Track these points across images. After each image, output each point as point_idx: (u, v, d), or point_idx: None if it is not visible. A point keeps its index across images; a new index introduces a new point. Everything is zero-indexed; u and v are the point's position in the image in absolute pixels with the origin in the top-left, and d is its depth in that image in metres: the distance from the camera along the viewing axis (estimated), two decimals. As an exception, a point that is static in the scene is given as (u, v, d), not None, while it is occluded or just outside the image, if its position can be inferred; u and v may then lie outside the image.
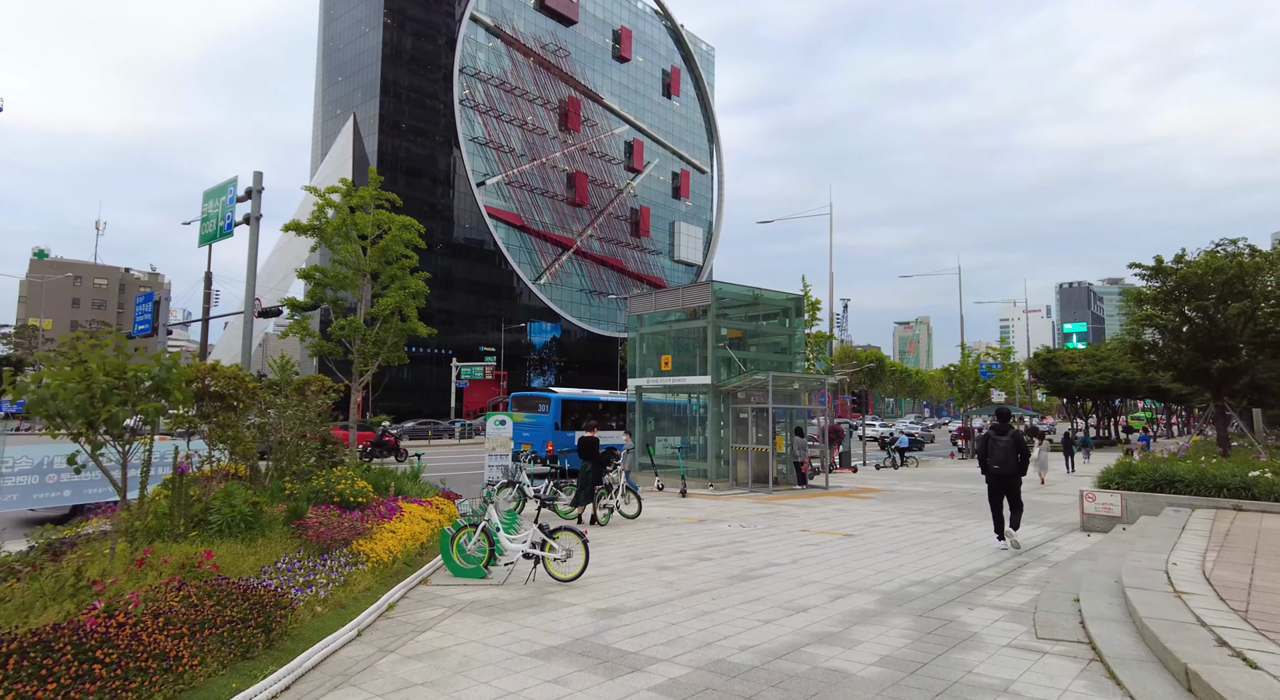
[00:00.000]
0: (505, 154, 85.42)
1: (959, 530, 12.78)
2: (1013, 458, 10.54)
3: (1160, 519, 10.84)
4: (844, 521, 13.81)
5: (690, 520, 13.71)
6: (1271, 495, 11.73)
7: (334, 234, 14.61)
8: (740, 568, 8.90)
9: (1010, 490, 10.72)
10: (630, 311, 23.35)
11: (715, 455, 20.67)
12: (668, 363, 21.92)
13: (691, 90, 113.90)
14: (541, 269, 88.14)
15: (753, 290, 21.90)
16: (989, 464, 10.71)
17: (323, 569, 6.55)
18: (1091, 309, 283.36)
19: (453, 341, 77.30)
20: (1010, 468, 10.53)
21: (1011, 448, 10.58)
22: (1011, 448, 10.58)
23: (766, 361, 22.51)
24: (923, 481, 24.63)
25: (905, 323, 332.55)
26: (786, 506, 16.36)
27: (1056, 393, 66.99)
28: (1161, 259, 20.72)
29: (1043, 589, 7.65)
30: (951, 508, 16.75)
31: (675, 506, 16.11)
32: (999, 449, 10.61)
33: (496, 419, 15.11)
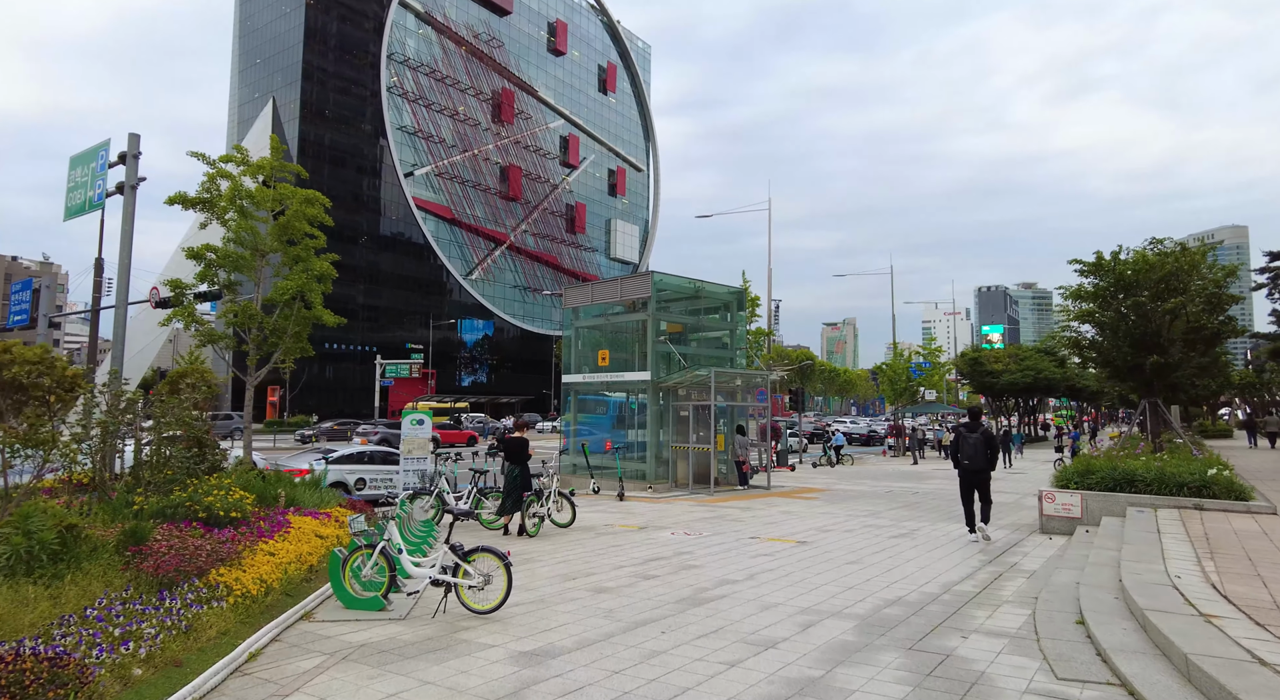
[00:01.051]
0: (435, 145, 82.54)
1: (915, 535, 11.95)
2: (982, 454, 10.92)
3: (1129, 521, 10.20)
4: (794, 526, 12.83)
5: (630, 528, 12.49)
6: (1230, 494, 11.30)
7: (227, 208, 12.83)
8: (691, 587, 7.72)
9: (981, 485, 11.12)
10: (565, 304, 22.00)
11: (655, 455, 19.53)
12: (605, 358, 20.66)
13: (628, 87, 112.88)
14: (473, 264, 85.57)
15: (694, 282, 20.86)
16: (960, 460, 11.08)
17: (156, 613, 5.01)
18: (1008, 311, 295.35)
19: (378, 338, 74.11)
20: (980, 463, 10.91)
21: (981, 444, 10.97)
22: (981, 444, 10.97)
23: (707, 357, 21.51)
24: (862, 480, 24.10)
25: (833, 324, 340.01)
26: (731, 509, 15.33)
27: (982, 391, 68.56)
28: (1101, 255, 20.61)
29: (1035, 608, 6.72)
30: (900, 509, 16.04)
31: (613, 512, 14.87)
32: (969, 445, 10.99)
33: (414, 418, 13.57)
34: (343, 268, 64.71)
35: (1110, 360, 20.65)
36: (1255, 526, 9.68)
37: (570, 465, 21.08)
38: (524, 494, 11.30)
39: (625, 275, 22.22)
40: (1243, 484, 11.41)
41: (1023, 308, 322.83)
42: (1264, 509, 10.91)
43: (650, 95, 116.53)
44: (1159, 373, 20.55)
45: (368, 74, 76.56)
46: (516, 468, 11.34)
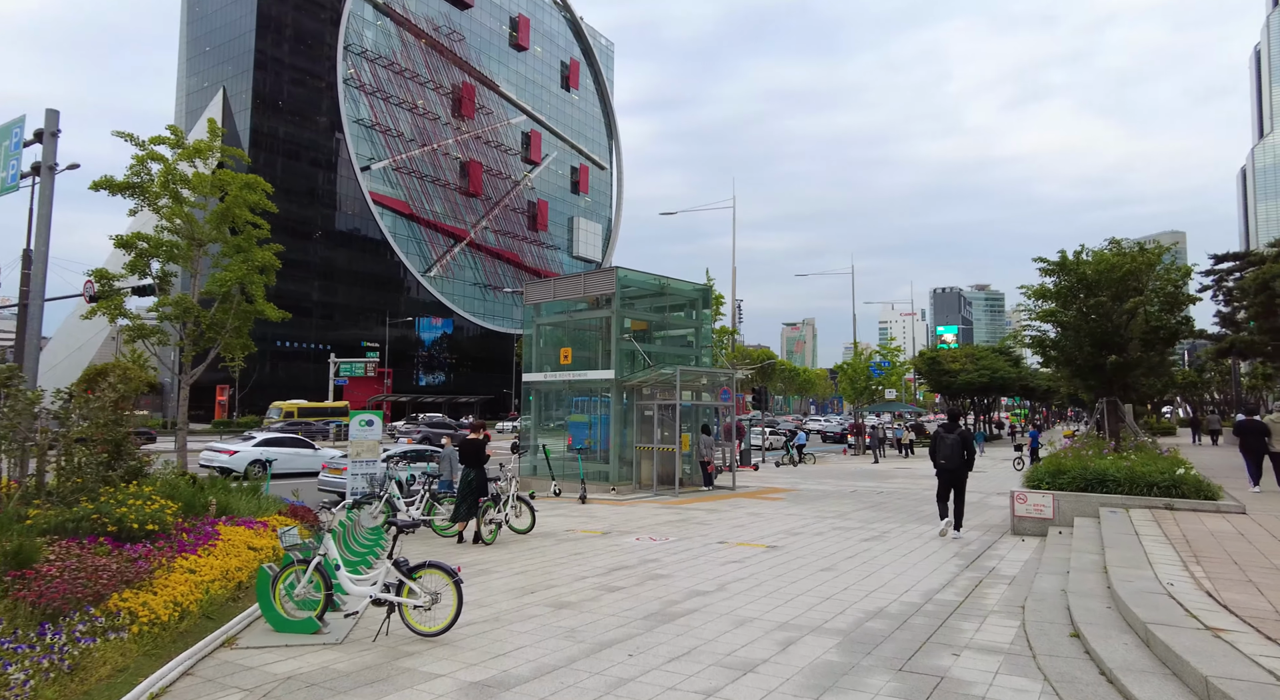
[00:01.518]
0: (393, 138, 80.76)
1: (887, 538, 11.61)
2: (958, 454, 11.38)
3: (1104, 523, 9.96)
4: (762, 529, 12.40)
5: (593, 533, 11.92)
6: (1200, 493, 11.17)
7: (160, 193, 11.90)
8: (659, 600, 7.19)
9: (957, 483, 11.62)
10: (526, 301, 21.32)
11: (618, 456, 18.98)
12: (567, 356, 20.04)
13: (591, 84, 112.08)
14: (432, 261, 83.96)
15: (659, 279, 20.36)
16: (938, 460, 11.52)
17: (32, 652, 4.27)
18: (962, 312, 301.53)
19: (334, 336, 72.22)
20: (956, 463, 11.36)
21: (958, 445, 11.46)
22: (958, 445, 11.46)
23: (672, 356, 21.03)
24: (825, 479, 23.88)
25: (793, 324, 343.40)
26: (696, 512, 14.86)
27: (939, 390, 69.53)
28: (1065, 254, 20.67)
29: (1024, 619, 6.34)
30: (867, 509, 15.75)
31: (575, 515, 14.28)
32: (947, 446, 11.47)
33: (362, 419, 12.80)
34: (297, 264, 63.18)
35: (1072, 359, 20.73)
36: (1229, 527, 9.51)
37: (530, 467, 20.44)
38: (480, 499, 10.66)
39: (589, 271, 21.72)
40: (1211, 483, 11.31)
41: (976, 309, 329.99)
42: (1233, 508, 10.79)
43: (613, 93, 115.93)
44: (1119, 371, 20.70)
45: (323, 65, 74.55)
46: (472, 471, 10.69)
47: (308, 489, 16.46)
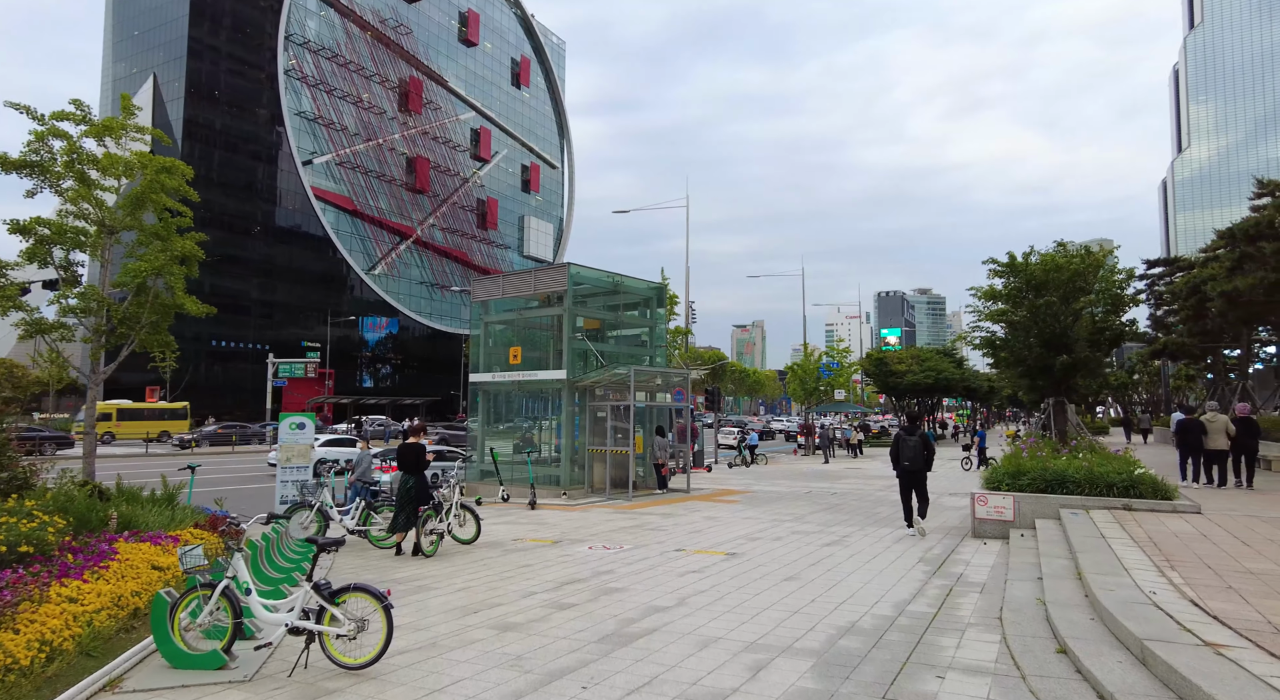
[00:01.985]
0: (337, 132, 78.34)
1: (848, 542, 11.24)
2: (920, 455, 11.60)
3: (1068, 525, 9.75)
4: (719, 535, 11.92)
5: (543, 542, 11.26)
6: (1157, 493, 11.10)
7: (63, 173, 10.82)
8: (615, 618, 6.60)
9: (918, 484, 11.81)
10: (474, 298, 20.49)
11: (569, 459, 18.32)
12: (517, 356, 19.30)
13: (542, 82, 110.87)
14: (376, 258, 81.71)
15: (613, 276, 19.77)
16: (900, 461, 11.67)
17: None
18: (905, 315, 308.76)
19: (273, 336, 69.63)
20: (918, 464, 11.59)
21: (919, 446, 11.69)
22: (919, 446, 11.69)
23: (626, 355, 20.48)
24: (779, 480, 23.64)
25: (743, 326, 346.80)
26: (651, 517, 14.32)
27: (886, 391, 70.58)
28: (1014, 256, 20.81)
29: (1004, 632, 5.95)
30: (823, 511, 15.44)
31: (524, 523, 13.59)
32: (909, 448, 11.64)
33: (293, 421, 11.89)
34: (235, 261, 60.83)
35: (1022, 359, 20.89)
36: (1189, 528, 9.39)
37: (478, 471, 19.63)
38: (419, 508, 9.90)
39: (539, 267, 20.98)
40: (1167, 484, 11.25)
41: (919, 312, 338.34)
42: (1189, 508, 10.74)
43: (565, 92, 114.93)
44: (1067, 372, 20.94)
45: (264, 56, 71.82)
46: (411, 478, 9.94)
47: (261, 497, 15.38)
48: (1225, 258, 23.68)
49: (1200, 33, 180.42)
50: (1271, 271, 20.05)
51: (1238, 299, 21.54)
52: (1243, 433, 14.52)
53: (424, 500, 9.98)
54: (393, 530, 10.11)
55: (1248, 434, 14.66)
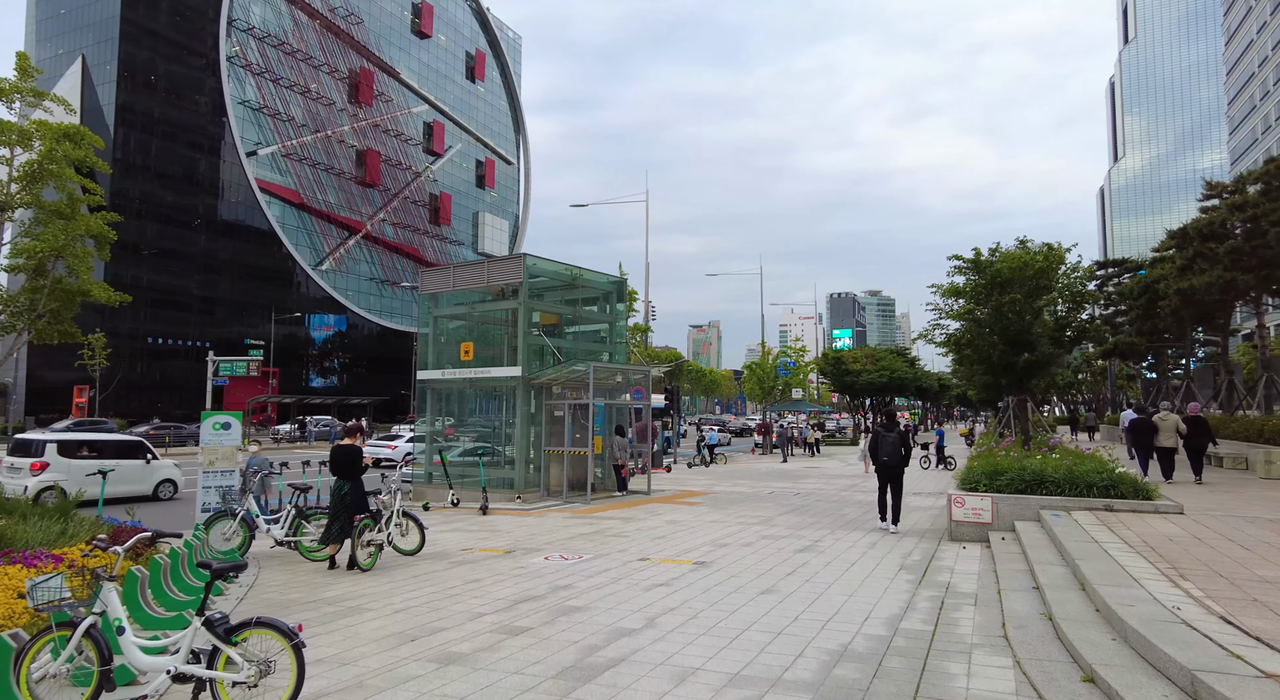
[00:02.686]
0: (283, 123, 75.53)
1: (821, 547, 10.59)
2: (898, 451, 11.86)
3: (1054, 527, 9.23)
4: (686, 541, 11.16)
5: (495, 552, 10.33)
6: (1138, 493, 10.70)
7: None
8: (576, 646, 5.76)
9: (895, 479, 12.06)
10: (422, 290, 19.38)
11: (524, 460, 17.38)
12: (469, 352, 18.26)
13: (497, 77, 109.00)
14: (324, 254, 79.09)
15: (571, 269, 18.88)
16: (879, 456, 11.98)
17: None
18: (856, 317, 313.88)
19: (215, 334, 66.75)
20: (896, 460, 11.86)
21: (897, 443, 11.94)
22: (897, 443, 11.94)
23: (584, 352, 19.60)
24: (740, 480, 23.07)
25: (699, 326, 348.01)
26: (611, 521, 13.49)
27: (842, 390, 71.11)
28: (979, 252, 20.56)
29: (1017, 656, 5.29)
30: (789, 513, 14.83)
31: (474, 530, 12.63)
32: (888, 444, 11.94)
33: (216, 421, 10.75)
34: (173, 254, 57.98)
35: (986, 357, 20.67)
36: (1179, 530, 8.95)
37: (426, 474, 18.56)
38: (355, 517, 8.91)
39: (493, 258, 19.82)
40: (1147, 483, 10.87)
41: (869, 313, 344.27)
42: (1171, 509, 10.35)
43: (521, 88, 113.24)
44: (1030, 370, 20.80)
45: (205, 41, 68.79)
46: (346, 484, 8.94)
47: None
48: (1177, 257, 23.90)
49: (1134, 47, 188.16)
50: (1225, 270, 20.18)
51: (1192, 297, 21.67)
52: (1194, 431, 14.89)
53: (360, 508, 8.98)
54: (325, 541, 9.09)
55: (1199, 433, 15.02)
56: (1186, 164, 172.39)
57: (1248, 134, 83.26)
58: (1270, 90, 76.74)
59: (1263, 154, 77.06)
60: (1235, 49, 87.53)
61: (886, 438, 11.96)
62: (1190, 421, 15.25)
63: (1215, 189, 25.87)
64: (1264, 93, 78.51)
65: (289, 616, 6.76)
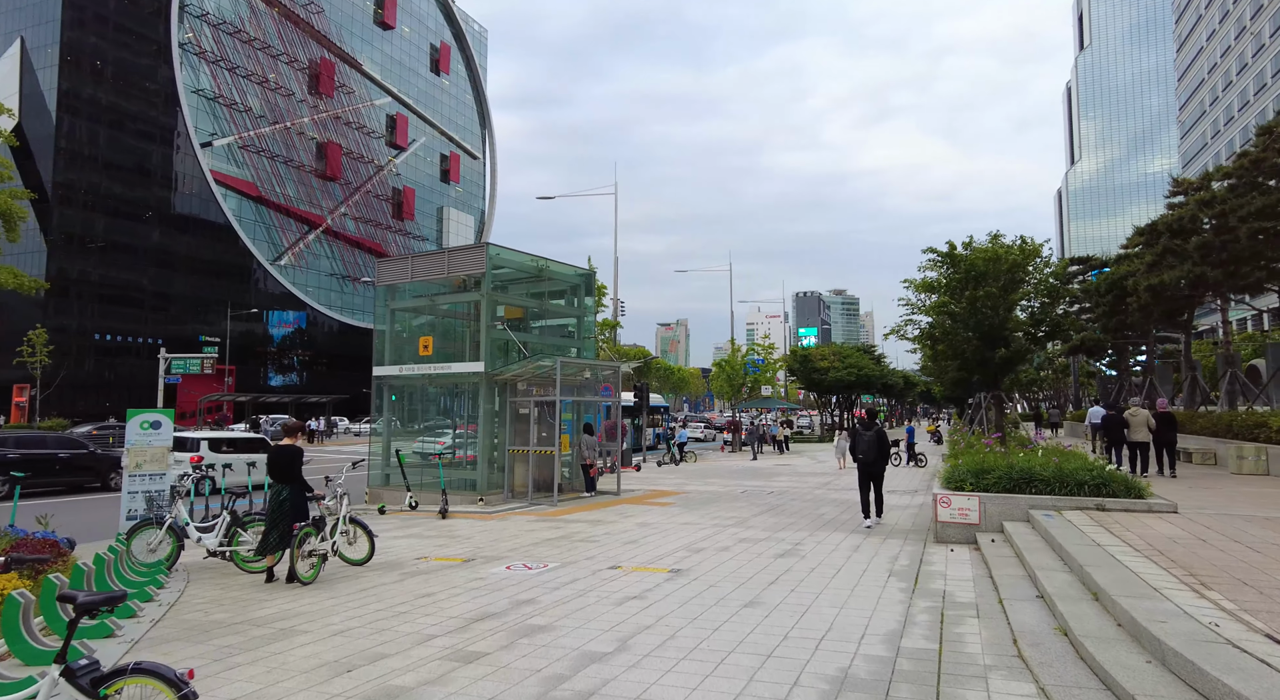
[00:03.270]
0: (240, 113, 73.17)
1: (802, 551, 9.97)
2: (876, 450, 12.03)
3: (1051, 529, 8.72)
4: (659, 546, 10.46)
5: (451, 561, 9.53)
6: (1130, 492, 10.26)
7: None
8: (538, 676, 5.01)
9: (875, 477, 12.19)
10: (380, 281, 18.41)
11: (487, 460, 16.53)
12: (428, 346, 17.35)
13: (463, 70, 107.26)
14: (283, 248, 76.88)
15: (537, 260, 18.06)
16: (858, 455, 12.18)
17: None
18: (821, 315, 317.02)
19: (170, 331, 64.39)
20: (874, 456, 12.05)
21: (875, 441, 12.05)
22: (875, 441, 12.05)
23: (551, 347, 18.81)
24: (711, 479, 22.48)
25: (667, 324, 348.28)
26: (579, 524, 12.75)
27: (810, 388, 71.20)
28: (953, 245, 20.20)
29: (1039, 681, 4.68)
30: (765, 514, 14.24)
31: (431, 536, 11.79)
32: (866, 443, 12.10)
33: (145, 420, 9.76)
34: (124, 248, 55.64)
35: (961, 352, 20.32)
36: (1179, 531, 8.50)
37: (383, 475, 17.62)
38: (295, 524, 8.04)
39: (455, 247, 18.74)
40: (1139, 481, 10.45)
41: (834, 312, 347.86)
42: (1165, 507, 9.93)
43: (487, 82, 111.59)
44: (1005, 365, 20.52)
45: (156, 27, 66.24)
46: (285, 488, 8.06)
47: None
48: (1147, 254, 23.86)
49: (1089, 53, 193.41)
50: (1195, 265, 20.10)
51: (1163, 292, 21.60)
52: (1163, 426, 15.51)
53: (300, 515, 8.11)
54: (262, 552, 8.20)
55: (1168, 427, 15.71)
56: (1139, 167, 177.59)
57: (1198, 138, 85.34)
58: (1219, 96, 78.73)
59: (1212, 158, 79.18)
60: (1186, 55, 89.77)
61: (864, 436, 12.23)
62: (1159, 417, 15.70)
63: (1182, 185, 25.92)
64: (1213, 98, 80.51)
65: (211, 641, 5.91)
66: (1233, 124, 74.84)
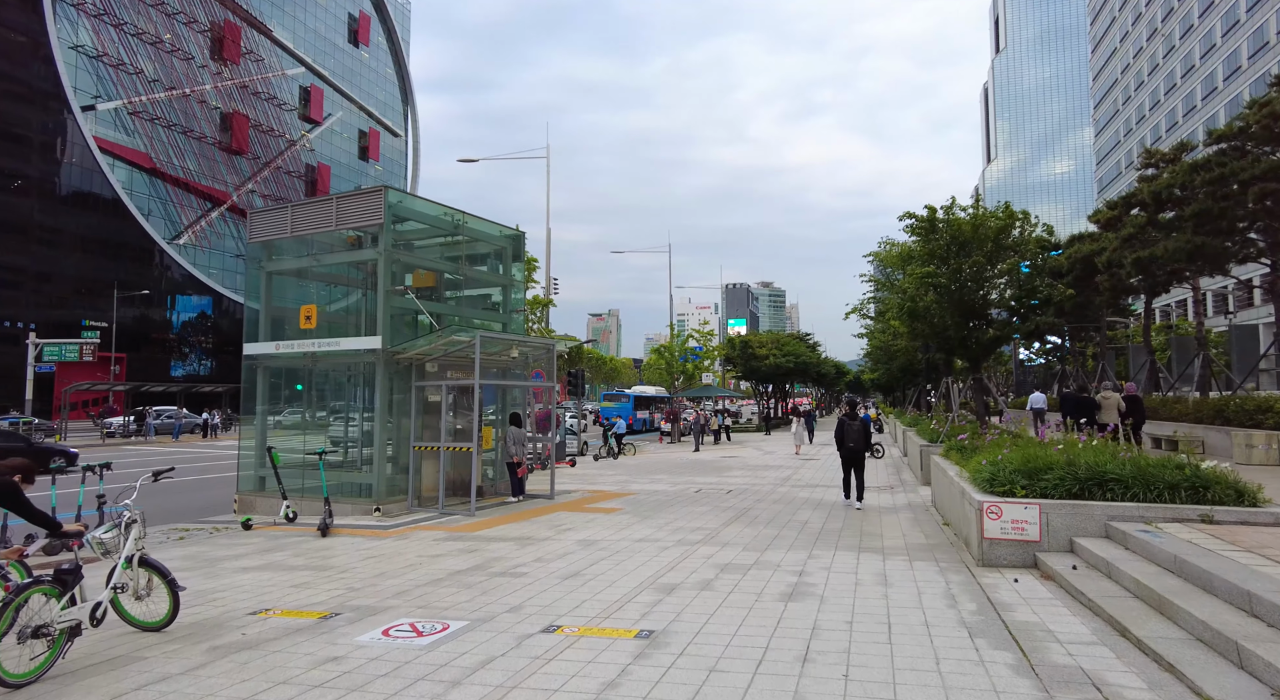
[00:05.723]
0: (130, 76, 66.02)
1: (813, 586, 7.15)
2: (862, 438, 12.76)
3: (1186, 554, 6.10)
4: (613, 583, 7.46)
5: (304, 616, 6.28)
6: (1239, 498, 7.64)
7: None
8: None
9: (858, 463, 12.85)
10: (251, 236, 14.74)
11: (386, 460, 13.16)
12: (311, 318, 13.79)
13: (384, 43, 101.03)
14: (183, 226, 70.17)
15: (453, 213, 14.71)
16: (845, 443, 12.79)
17: None
18: (750, 307, 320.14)
19: (46, 315, 57.54)
20: (861, 445, 12.74)
21: (862, 431, 12.78)
22: (862, 431, 12.78)
23: (472, 320, 15.53)
24: (657, 475, 19.68)
25: (598, 314, 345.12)
26: (501, 544, 9.63)
27: (749, 376, 69.67)
28: (934, 209, 17.81)
29: None
30: (736, 522, 11.47)
31: (294, 566, 8.46)
32: (853, 432, 12.73)
33: None
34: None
35: (942, 330, 17.98)
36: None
37: (256, 478, 14.05)
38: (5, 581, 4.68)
39: (346, 192, 14.84)
40: (1247, 483, 7.97)
41: (762, 304, 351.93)
42: (1285, 516, 7.49)
43: (410, 59, 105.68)
44: (991, 345, 18.34)
45: (25, -30, 58.78)
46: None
47: None
48: (1130, 222, 22.13)
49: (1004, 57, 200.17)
50: (1194, 234, 18.29)
51: (1150, 266, 19.81)
52: (1132, 410, 15.68)
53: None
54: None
55: (1136, 410, 15.94)
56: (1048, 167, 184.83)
57: (1111, 135, 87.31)
58: (1132, 95, 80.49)
59: (1125, 155, 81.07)
60: (1101, 56, 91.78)
61: (851, 426, 12.88)
62: (1129, 400, 15.79)
63: (1154, 156, 24.40)
64: (1126, 97, 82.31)
65: None
66: (1144, 122, 76.41)
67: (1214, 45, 60.75)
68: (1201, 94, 63.37)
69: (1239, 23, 56.67)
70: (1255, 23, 54.46)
